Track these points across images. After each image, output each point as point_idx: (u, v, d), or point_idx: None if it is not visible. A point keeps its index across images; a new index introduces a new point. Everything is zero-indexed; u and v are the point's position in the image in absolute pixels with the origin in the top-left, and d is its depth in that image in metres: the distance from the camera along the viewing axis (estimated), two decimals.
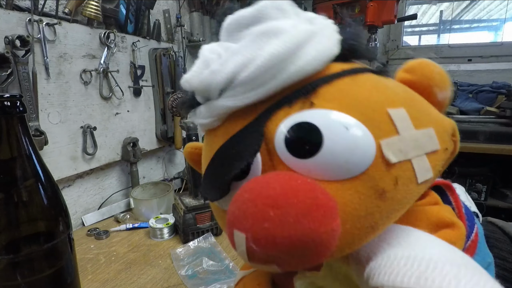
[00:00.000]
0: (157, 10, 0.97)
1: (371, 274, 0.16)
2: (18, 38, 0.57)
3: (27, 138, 0.33)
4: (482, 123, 1.30)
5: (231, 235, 0.17)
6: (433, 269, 0.15)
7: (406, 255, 0.16)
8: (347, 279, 0.22)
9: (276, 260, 0.16)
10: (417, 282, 0.14)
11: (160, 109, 0.97)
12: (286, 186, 0.16)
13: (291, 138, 0.18)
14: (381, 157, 0.17)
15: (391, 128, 0.18)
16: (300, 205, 0.15)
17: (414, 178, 0.18)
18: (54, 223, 0.35)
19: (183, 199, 0.68)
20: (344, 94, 0.19)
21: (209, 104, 0.21)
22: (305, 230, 0.15)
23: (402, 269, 0.15)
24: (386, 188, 0.17)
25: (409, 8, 1.82)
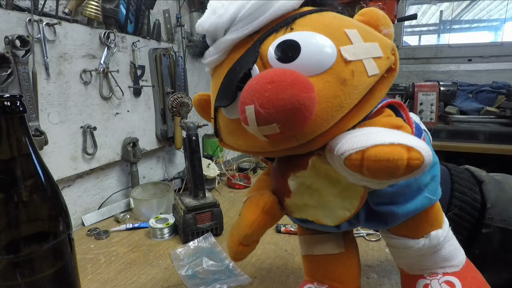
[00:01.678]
0: (157, 10, 0.97)
1: (338, 149, 0.23)
2: (18, 38, 0.57)
3: (27, 138, 0.33)
4: (482, 123, 1.30)
5: (243, 112, 0.23)
6: (377, 133, 0.22)
7: (360, 133, 0.23)
8: (328, 176, 0.28)
9: (276, 120, 0.22)
10: (365, 142, 0.21)
11: (160, 109, 0.97)
12: (278, 71, 0.23)
13: (279, 50, 0.25)
14: (341, 58, 0.25)
15: (347, 40, 0.26)
16: (288, 80, 0.22)
17: (365, 72, 0.25)
18: (54, 223, 0.35)
19: (183, 199, 0.68)
20: (314, 22, 0.27)
21: (217, 42, 0.29)
22: (292, 94, 0.21)
23: (357, 139, 0.22)
24: (346, 77, 0.24)
25: (409, 8, 1.82)
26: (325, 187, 0.29)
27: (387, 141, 0.21)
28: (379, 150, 0.20)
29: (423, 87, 1.27)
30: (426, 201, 0.31)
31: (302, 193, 0.30)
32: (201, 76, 1.26)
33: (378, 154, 0.20)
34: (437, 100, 1.26)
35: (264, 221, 0.31)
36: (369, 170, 0.21)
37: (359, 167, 0.21)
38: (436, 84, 1.27)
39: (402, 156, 0.20)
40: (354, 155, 0.21)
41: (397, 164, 0.20)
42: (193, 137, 0.68)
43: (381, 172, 0.21)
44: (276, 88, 0.21)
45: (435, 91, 1.26)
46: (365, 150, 0.21)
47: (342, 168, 0.23)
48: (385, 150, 0.20)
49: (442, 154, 1.23)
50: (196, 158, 0.68)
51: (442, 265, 0.34)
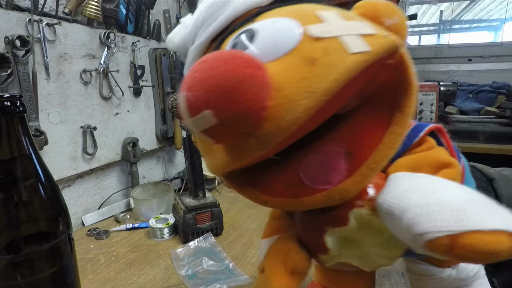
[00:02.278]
0: (157, 10, 0.97)
1: (412, 224, 0.19)
2: (18, 38, 0.57)
3: (27, 138, 0.33)
4: (482, 123, 1.30)
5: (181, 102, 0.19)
6: (463, 210, 0.18)
7: (435, 202, 0.19)
8: (370, 228, 0.24)
9: (206, 103, 0.17)
10: (456, 223, 0.17)
11: (160, 109, 0.97)
12: (214, 52, 0.19)
13: (235, 41, 0.22)
14: (308, 36, 0.20)
15: (318, 20, 0.21)
16: (222, 56, 0.18)
17: (343, 49, 0.19)
18: (54, 223, 0.35)
19: (183, 199, 0.68)
20: (280, 11, 0.23)
21: (188, 53, 0.27)
22: (226, 69, 0.17)
23: (440, 215, 0.18)
24: (315, 56, 0.19)
25: (409, 8, 1.82)
26: (366, 239, 0.25)
27: (486, 226, 0.17)
28: (478, 239, 0.16)
29: (423, 87, 1.27)
30: None
31: (340, 246, 0.26)
32: None
33: (476, 245, 0.16)
34: (437, 100, 1.26)
35: (294, 283, 0.27)
36: (458, 257, 0.17)
37: (445, 252, 0.17)
38: (436, 84, 1.27)
39: (504, 247, 0.16)
40: (441, 240, 0.17)
41: (498, 256, 0.16)
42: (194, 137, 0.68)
43: (475, 260, 0.17)
44: (206, 67, 0.18)
45: (435, 91, 1.26)
46: (458, 235, 0.17)
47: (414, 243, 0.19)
48: (484, 240, 0.16)
49: None
50: (196, 158, 0.68)
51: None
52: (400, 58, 0.22)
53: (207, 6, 0.24)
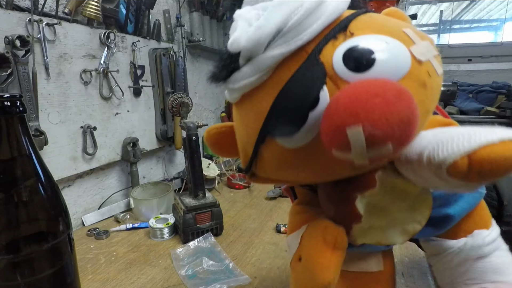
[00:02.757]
0: (157, 10, 0.97)
1: (432, 158, 0.20)
2: (18, 38, 0.57)
3: (27, 138, 0.33)
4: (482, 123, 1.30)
5: (342, 137, 0.19)
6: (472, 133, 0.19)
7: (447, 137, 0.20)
8: (395, 190, 0.25)
9: (392, 137, 0.18)
10: (469, 144, 0.19)
11: (160, 109, 0.97)
12: (375, 83, 0.19)
13: (349, 58, 0.22)
14: (414, 59, 0.22)
15: (410, 40, 0.23)
16: (393, 91, 0.18)
17: (435, 71, 0.23)
18: (54, 223, 0.35)
19: (183, 199, 0.68)
20: (369, 24, 0.24)
21: (255, 61, 0.23)
22: (404, 106, 0.18)
23: (453, 143, 0.19)
24: (425, 80, 0.22)
25: (409, 8, 1.82)
26: (393, 203, 0.26)
27: (495, 138, 0.18)
28: (493, 150, 0.18)
29: None
30: (477, 195, 0.29)
31: (371, 214, 0.26)
32: (201, 76, 1.26)
33: (493, 155, 0.18)
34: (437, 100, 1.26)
35: (339, 259, 0.26)
36: (480, 174, 0.19)
37: (466, 173, 0.19)
38: None
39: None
40: (460, 161, 0.19)
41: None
42: (193, 137, 0.68)
43: (495, 173, 0.18)
44: (385, 102, 0.18)
45: None
46: (473, 153, 0.18)
47: (437, 178, 0.20)
48: (498, 149, 0.18)
49: None
50: (196, 158, 0.68)
51: (492, 279, 0.29)
52: None
53: (305, 9, 0.22)
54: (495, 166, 0.18)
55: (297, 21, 0.22)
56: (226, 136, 0.32)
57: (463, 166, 0.19)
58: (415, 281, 0.49)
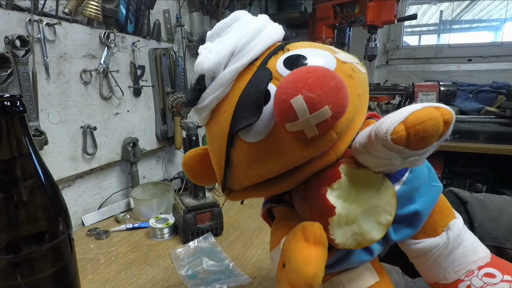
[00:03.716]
0: (157, 10, 0.97)
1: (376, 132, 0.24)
2: (18, 38, 0.57)
3: (27, 138, 0.33)
4: (482, 123, 1.29)
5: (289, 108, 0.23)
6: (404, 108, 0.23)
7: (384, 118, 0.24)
8: (360, 180, 0.28)
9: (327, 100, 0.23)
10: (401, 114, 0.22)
11: (160, 109, 0.97)
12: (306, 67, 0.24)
13: (288, 61, 0.28)
14: (338, 61, 0.29)
15: (333, 51, 0.30)
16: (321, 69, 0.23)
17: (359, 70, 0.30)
18: (54, 223, 0.35)
19: (183, 199, 0.68)
20: (301, 45, 0.31)
21: (217, 78, 0.30)
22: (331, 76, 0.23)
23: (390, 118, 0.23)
24: (350, 73, 0.28)
25: (409, 8, 1.82)
26: (361, 194, 0.28)
27: (418, 107, 0.22)
28: (418, 114, 0.22)
29: (423, 87, 1.27)
30: (436, 189, 0.32)
31: (343, 207, 0.28)
32: None
33: (420, 117, 0.22)
34: (437, 100, 1.26)
35: (321, 253, 0.26)
36: (416, 136, 0.22)
37: (406, 137, 0.22)
38: (436, 84, 1.27)
39: (438, 114, 0.22)
40: (398, 127, 0.22)
41: (438, 121, 0.22)
42: (193, 137, 0.68)
43: (427, 134, 0.22)
44: (316, 74, 0.23)
45: (435, 91, 1.26)
46: (405, 119, 0.22)
47: (385, 150, 0.24)
48: (422, 112, 0.22)
49: (442, 154, 1.23)
50: None
51: (473, 259, 0.33)
52: None
53: (244, 38, 0.29)
54: (424, 127, 0.22)
55: (244, 44, 0.29)
56: (203, 158, 0.37)
57: (402, 131, 0.22)
58: (415, 281, 0.49)
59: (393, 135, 0.22)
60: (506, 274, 0.31)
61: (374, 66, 1.73)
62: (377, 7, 1.18)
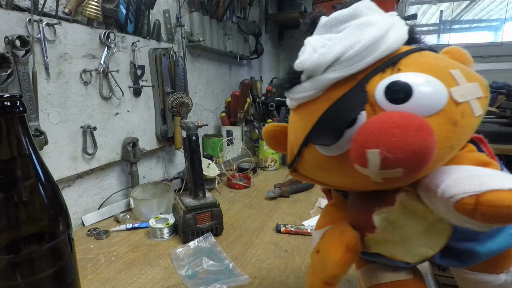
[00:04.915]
0: (157, 10, 0.97)
1: (444, 191, 0.23)
2: (18, 38, 0.57)
3: (27, 138, 0.33)
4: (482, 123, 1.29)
5: (362, 155, 0.22)
6: (489, 176, 0.22)
7: (467, 176, 0.23)
8: (414, 213, 0.28)
9: (403, 164, 0.21)
10: (480, 186, 0.21)
11: (160, 109, 0.97)
12: (402, 115, 0.22)
13: (390, 91, 0.25)
14: (451, 99, 0.25)
15: (454, 81, 0.26)
16: (415, 124, 0.21)
17: (472, 113, 0.26)
18: (54, 223, 0.35)
19: (183, 199, 0.68)
20: (419, 62, 0.27)
21: (314, 79, 0.28)
22: (421, 140, 0.21)
23: (468, 182, 0.22)
24: (457, 119, 0.25)
25: (409, 8, 1.82)
26: (409, 224, 0.28)
27: (505, 186, 0.20)
28: (498, 196, 0.20)
29: None
30: (510, 239, 0.30)
31: (385, 229, 0.29)
32: (201, 76, 1.26)
33: (497, 200, 0.20)
34: None
35: (349, 259, 0.30)
36: (484, 216, 0.20)
37: (471, 211, 0.21)
38: None
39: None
40: (467, 199, 0.21)
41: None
42: (193, 137, 0.68)
43: (498, 218, 0.20)
44: (404, 133, 0.21)
45: None
46: (481, 195, 0.20)
47: (447, 210, 0.23)
48: (504, 196, 0.20)
49: None
50: (196, 158, 0.68)
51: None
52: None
53: (361, 46, 0.26)
54: (497, 211, 0.20)
55: (352, 54, 0.26)
56: (280, 134, 0.36)
57: (469, 205, 0.21)
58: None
59: (458, 204, 0.21)
60: None
61: None
62: None
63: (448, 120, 0.24)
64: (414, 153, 0.21)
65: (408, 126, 0.21)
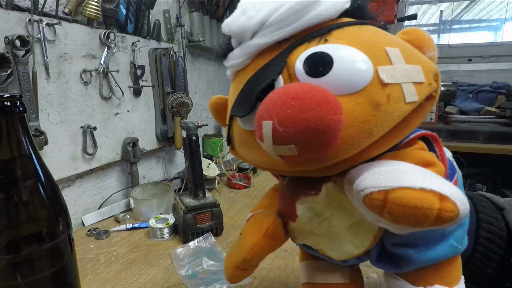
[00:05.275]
0: (157, 10, 0.97)
1: (358, 183, 0.21)
2: (18, 38, 0.57)
3: (27, 138, 0.33)
4: (482, 123, 1.30)
5: (260, 127, 0.21)
6: (406, 173, 0.19)
7: (387, 169, 0.21)
8: (341, 206, 0.26)
9: (295, 141, 0.19)
10: (392, 181, 0.19)
11: (160, 109, 0.97)
12: (305, 87, 0.20)
13: (308, 62, 0.23)
14: (377, 79, 0.22)
15: (386, 60, 0.23)
16: (315, 98, 0.19)
17: (402, 98, 0.22)
18: (54, 223, 0.35)
19: (183, 199, 0.68)
20: (352, 35, 0.24)
21: (243, 45, 0.26)
22: (317, 115, 0.19)
23: (382, 175, 0.20)
24: (380, 102, 0.22)
25: (409, 8, 1.82)
26: (336, 218, 0.27)
27: (417, 185, 0.18)
28: (407, 194, 0.18)
29: None
30: (449, 250, 0.28)
31: (310, 219, 0.27)
32: (201, 76, 1.26)
33: (404, 199, 0.18)
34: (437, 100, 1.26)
35: (266, 245, 0.29)
36: (391, 214, 0.19)
37: (380, 208, 0.19)
38: None
39: (432, 206, 0.17)
40: (376, 194, 0.19)
41: (426, 214, 0.17)
42: (193, 137, 0.68)
43: (405, 218, 0.18)
44: (299, 106, 0.19)
45: None
46: (390, 191, 0.19)
47: (359, 204, 0.21)
48: (413, 195, 0.18)
49: None
50: (196, 158, 0.68)
51: None
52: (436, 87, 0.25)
53: (285, 9, 0.23)
54: (403, 211, 0.18)
55: (277, 18, 0.24)
56: (223, 107, 0.34)
57: (377, 200, 0.19)
58: None
59: (367, 198, 0.20)
60: None
61: None
62: (377, 7, 1.18)
63: (369, 101, 0.21)
64: (308, 129, 0.19)
65: (307, 99, 0.19)
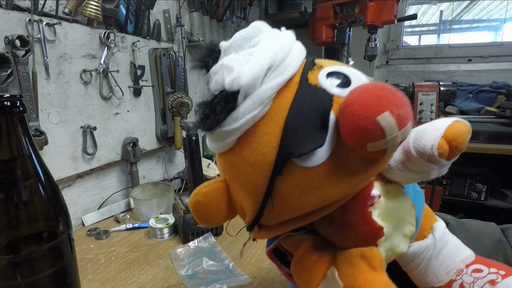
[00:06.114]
0: (157, 10, 0.97)
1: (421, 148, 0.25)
2: (18, 38, 0.57)
3: (27, 138, 0.33)
4: (482, 123, 1.30)
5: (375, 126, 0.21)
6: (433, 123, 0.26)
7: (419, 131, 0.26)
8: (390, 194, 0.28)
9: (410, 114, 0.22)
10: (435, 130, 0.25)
11: (160, 109, 0.97)
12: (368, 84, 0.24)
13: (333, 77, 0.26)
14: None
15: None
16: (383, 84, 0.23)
17: None
18: (54, 223, 0.35)
19: (183, 199, 0.68)
20: (326, 62, 0.29)
21: (254, 95, 0.25)
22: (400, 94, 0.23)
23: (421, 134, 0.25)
24: None
25: (409, 8, 1.82)
26: (391, 209, 0.28)
27: (448, 121, 0.25)
28: (454, 128, 0.24)
29: (423, 87, 1.27)
30: (421, 194, 0.34)
31: (385, 226, 0.27)
32: (201, 76, 1.26)
33: (457, 131, 0.24)
34: (437, 100, 1.26)
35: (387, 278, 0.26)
36: (457, 148, 0.24)
37: (449, 150, 0.24)
38: (436, 84, 1.27)
39: (465, 127, 0.25)
40: (441, 142, 0.24)
41: (469, 131, 0.25)
42: (193, 137, 0.67)
43: (464, 146, 0.24)
44: (392, 91, 0.22)
45: (435, 91, 1.26)
46: (445, 134, 0.24)
47: (428, 164, 0.25)
48: (456, 126, 0.24)
49: None
50: (196, 158, 0.68)
51: (460, 258, 0.35)
52: None
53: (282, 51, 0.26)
54: (462, 139, 0.24)
55: (283, 58, 0.26)
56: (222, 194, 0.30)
57: (445, 146, 0.24)
58: None
59: (439, 149, 0.24)
60: (492, 267, 0.33)
61: (374, 66, 1.73)
62: (377, 7, 1.18)
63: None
64: (409, 104, 0.22)
65: (386, 86, 0.22)
